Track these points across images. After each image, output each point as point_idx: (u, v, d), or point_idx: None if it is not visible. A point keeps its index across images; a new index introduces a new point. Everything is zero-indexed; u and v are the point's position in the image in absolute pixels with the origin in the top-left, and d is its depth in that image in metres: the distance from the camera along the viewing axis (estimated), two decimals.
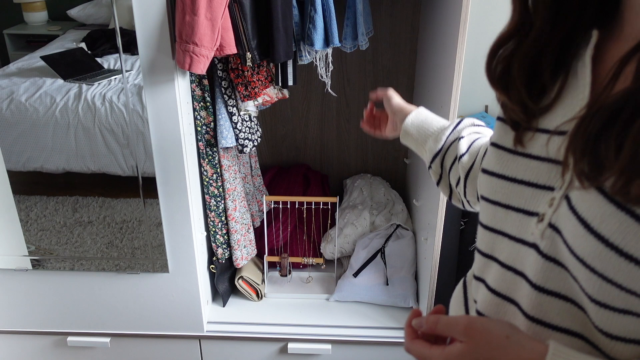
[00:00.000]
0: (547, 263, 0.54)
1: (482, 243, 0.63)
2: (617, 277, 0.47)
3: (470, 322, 0.53)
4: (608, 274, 0.47)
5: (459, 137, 0.85)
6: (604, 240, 0.47)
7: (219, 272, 1.70)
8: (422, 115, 0.96)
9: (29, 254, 1.60)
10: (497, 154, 0.61)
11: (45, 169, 1.50)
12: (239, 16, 1.32)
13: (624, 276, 0.46)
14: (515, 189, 0.58)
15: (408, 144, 0.97)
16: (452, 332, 0.55)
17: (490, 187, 0.62)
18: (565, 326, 0.54)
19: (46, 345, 1.72)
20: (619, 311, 0.48)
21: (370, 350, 1.65)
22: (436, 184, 0.91)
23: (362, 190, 2.05)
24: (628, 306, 0.47)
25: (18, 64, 1.45)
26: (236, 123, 1.54)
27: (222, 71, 1.49)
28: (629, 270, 0.46)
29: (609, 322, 0.50)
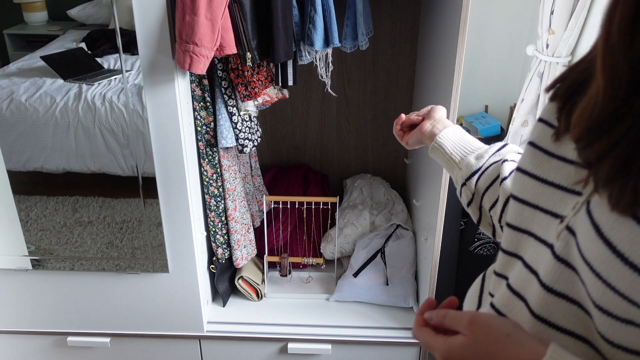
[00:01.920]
0: (558, 264, 0.54)
1: (505, 242, 0.63)
2: (619, 285, 0.47)
3: (473, 317, 0.55)
4: (612, 281, 0.47)
5: (504, 160, 0.82)
6: (611, 247, 0.47)
7: (219, 272, 1.70)
8: (460, 131, 0.92)
9: (29, 254, 1.60)
10: (532, 154, 0.61)
11: (45, 169, 1.50)
12: (239, 16, 1.32)
13: (626, 285, 0.47)
14: (545, 190, 0.58)
15: (437, 157, 0.93)
16: (457, 325, 0.56)
17: (521, 185, 0.62)
18: (570, 328, 0.55)
19: (46, 345, 1.72)
20: (621, 320, 0.49)
21: (370, 350, 1.65)
22: (466, 205, 0.88)
23: (362, 190, 2.05)
24: (630, 316, 0.48)
25: (18, 64, 1.45)
26: (236, 123, 1.54)
27: (222, 71, 1.50)
28: (631, 280, 0.46)
29: (611, 329, 0.50)
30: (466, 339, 0.55)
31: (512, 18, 1.86)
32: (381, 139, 2.11)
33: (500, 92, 1.97)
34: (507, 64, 1.93)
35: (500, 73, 1.95)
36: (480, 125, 1.86)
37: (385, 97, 2.03)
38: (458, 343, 0.55)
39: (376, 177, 2.13)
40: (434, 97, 1.55)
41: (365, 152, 2.16)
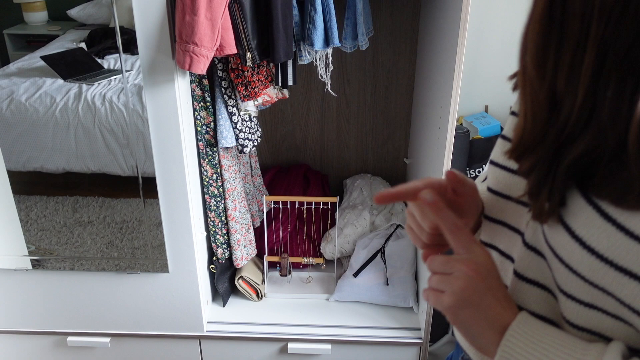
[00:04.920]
0: (528, 252, 0.57)
1: (483, 233, 0.65)
2: (580, 269, 0.49)
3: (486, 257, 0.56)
4: (573, 265, 0.50)
5: None
6: (570, 232, 0.49)
7: (219, 272, 1.70)
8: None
9: (29, 254, 1.60)
10: (503, 146, 0.64)
11: (45, 169, 1.50)
12: (239, 16, 1.32)
13: (586, 268, 0.49)
14: (516, 181, 0.60)
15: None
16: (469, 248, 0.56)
17: (494, 177, 0.64)
18: (542, 314, 0.57)
19: (46, 345, 1.72)
20: (584, 304, 0.51)
21: (370, 350, 1.65)
22: None
23: (362, 190, 2.05)
24: (592, 300, 0.50)
25: (18, 64, 1.45)
26: (236, 123, 1.54)
27: (222, 71, 1.50)
28: (590, 263, 0.48)
29: (575, 313, 0.52)
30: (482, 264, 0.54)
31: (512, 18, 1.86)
32: (381, 139, 2.11)
33: (500, 92, 1.97)
34: (507, 64, 1.93)
35: (500, 73, 1.95)
36: (480, 125, 1.86)
37: (385, 97, 2.03)
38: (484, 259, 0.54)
39: (376, 177, 2.13)
40: (433, 97, 1.55)
41: (365, 152, 2.16)
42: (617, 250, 0.46)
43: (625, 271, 0.46)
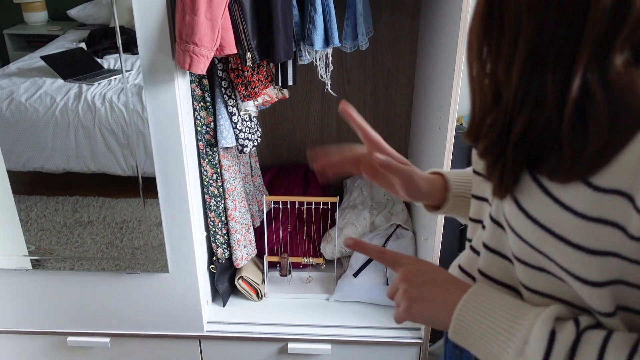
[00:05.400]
0: (493, 225, 0.64)
1: (472, 210, 0.72)
2: (527, 237, 0.56)
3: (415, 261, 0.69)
4: (521, 234, 0.57)
5: None
6: (518, 205, 0.56)
7: (219, 272, 1.70)
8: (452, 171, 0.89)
9: (29, 254, 1.60)
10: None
11: (45, 169, 1.50)
12: (239, 16, 1.32)
13: (531, 236, 0.55)
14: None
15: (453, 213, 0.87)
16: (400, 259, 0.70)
17: (475, 159, 0.71)
18: (505, 281, 0.64)
19: (46, 345, 1.72)
20: (534, 268, 0.58)
21: (370, 350, 1.65)
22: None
23: (362, 190, 2.05)
24: (540, 264, 0.56)
25: (18, 64, 1.45)
26: (236, 123, 1.54)
27: (222, 71, 1.50)
28: (534, 232, 0.55)
29: (528, 277, 0.59)
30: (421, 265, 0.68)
31: None
32: None
33: None
34: None
35: None
36: None
37: (385, 97, 2.03)
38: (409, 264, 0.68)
39: None
40: (433, 97, 1.55)
41: None
42: (553, 220, 0.53)
43: (561, 238, 0.52)
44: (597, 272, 0.51)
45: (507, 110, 0.52)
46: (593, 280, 0.52)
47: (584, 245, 0.51)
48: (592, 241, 0.51)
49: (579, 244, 0.51)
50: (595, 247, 0.51)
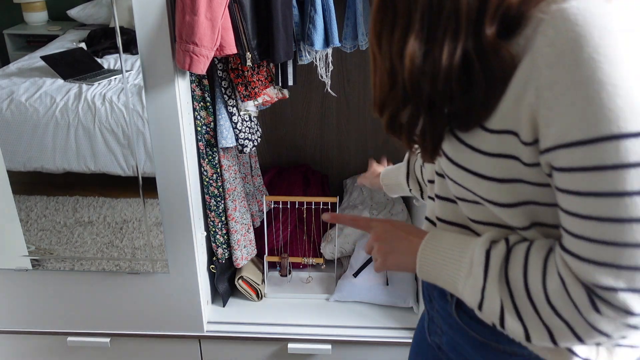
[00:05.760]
0: (438, 178, 0.77)
1: (426, 174, 0.84)
2: (455, 178, 0.69)
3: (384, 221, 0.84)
4: (452, 177, 0.70)
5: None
6: (445, 155, 0.69)
7: (219, 272, 1.70)
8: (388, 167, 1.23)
9: (29, 254, 1.60)
10: None
11: (45, 169, 1.50)
12: (239, 16, 1.32)
13: (457, 176, 0.69)
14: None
15: (391, 192, 1.21)
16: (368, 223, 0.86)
17: None
18: (457, 221, 0.76)
19: (46, 345, 1.72)
20: (470, 202, 0.70)
21: (370, 350, 1.65)
22: (421, 197, 1.11)
23: (362, 190, 2.05)
24: (474, 199, 0.69)
25: (18, 64, 1.45)
26: (236, 123, 1.54)
27: (222, 71, 1.50)
28: (460, 174, 0.68)
29: (468, 210, 0.72)
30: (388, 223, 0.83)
31: None
32: (381, 139, 2.11)
33: None
34: None
35: None
36: None
37: None
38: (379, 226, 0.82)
39: None
40: None
41: (365, 152, 2.16)
42: (469, 161, 0.65)
43: (477, 174, 0.65)
44: (508, 196, 0.64)
45: (405, 87, 0.63)
46: (506, 202, 0.65)
47: (494, 177, 0.64)
48: (499, 172, 0.64)
49: (490, 176, 0.64)
50: (502, 176, 0.63)
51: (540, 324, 0.62)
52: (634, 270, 0.55)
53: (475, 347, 0.80)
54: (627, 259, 0.55)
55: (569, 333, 0.60)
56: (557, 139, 0.55)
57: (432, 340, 0.93)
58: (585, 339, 0.60)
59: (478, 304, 0.67)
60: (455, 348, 0.85)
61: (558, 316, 0.60)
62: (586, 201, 0.56)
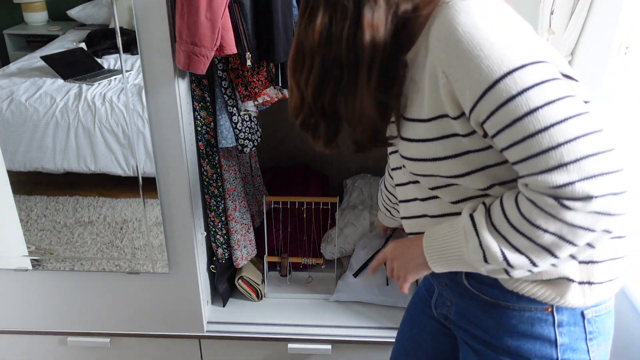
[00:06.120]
0: (414, 184, 0.90)
1: (392, 163, 1.01)
2: (424, 172, 0.83)
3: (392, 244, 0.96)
4: (420, 172, 0.84)
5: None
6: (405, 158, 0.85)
7: (219, 272, 1.70)
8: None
9: (29, 254, 1.60)
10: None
11: (45, 169, 1.50)
12: (239, 16, 1.32)
13: (425, 170, 0.83)
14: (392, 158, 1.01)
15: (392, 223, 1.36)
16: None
17: (390, 161, 1.03)
18: (443, 212, 0.86)
19: (46, 345, 1.72)
20: (445, 187, 0.83)
21: (370, 351, 1.65)
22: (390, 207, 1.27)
23: (362, 190, 2.05)
24: (446, 182, 0.82)
25: (18, 64, 1.45)
26: (236, 123, 1.54)
27: (222, 71, 1.49)
28: (424, 167, 0.83)
29: (445, 195, 0.84)
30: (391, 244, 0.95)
31: None
32: None
33: None
34: None
35: None
36: None
37: None
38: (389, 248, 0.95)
39: (376, 178, 2.13)
40: None
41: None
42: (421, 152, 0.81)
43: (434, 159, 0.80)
44: (465, 167, 0.78)
45: (309, 103, 0.84)
46: (465, 172, 0.79)
47: (446, 155, 0.78)
48: (449, 150, 0.78)
49: (444, 156, 0.78)
50: (452, 152, 0.78)
51: (537, 247, 0.72)
52: (578, 162, 0.66)
53: (485, 310, 0.90)
54: (567, 155, 0.66)
55: (561, 242, 0.70)
56: (473, 97, 0.70)
57: (438, 313, 1.04)
58: (576, 240, 0.70)
59: (483, 258, 0.76)
60: (465, 315, 0.94)
61: (545, 232, 0.70)
62: (514, 128, 0.69)
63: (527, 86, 0.67)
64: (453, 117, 0.75)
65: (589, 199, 0.66)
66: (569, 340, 0.85)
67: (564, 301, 0.82)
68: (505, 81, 0.68)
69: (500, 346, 0.89)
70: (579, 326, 0.85)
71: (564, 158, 0.66)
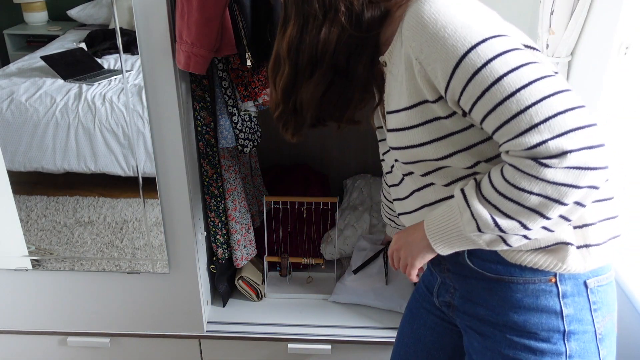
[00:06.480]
0: (409, 177, 0.94)
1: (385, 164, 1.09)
2: (413, 159, 0.87)
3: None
4: (408, 160, 0.88)
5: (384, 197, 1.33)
6: (392, 148, 0.90)
7: (219, 272, 1.70)
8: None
9: (29, 254, 1.60)
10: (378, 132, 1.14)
11: (45, 169, 1.50)
12: (239, 16, 1.32)
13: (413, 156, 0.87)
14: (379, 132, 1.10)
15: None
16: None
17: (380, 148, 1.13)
18: (440, 197, 0.89)
19: (46, 345, 1.73)
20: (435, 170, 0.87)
21: (370, 351, 1.65)
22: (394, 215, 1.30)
23: (362, 190, 2.05)
24: (435, 166, 0.86)
25: (18, 64, 1.45)
26: (236, 123, 1.54)
27: (222, 71, 1.49)
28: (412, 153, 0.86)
29: (437, 179, 0.87)
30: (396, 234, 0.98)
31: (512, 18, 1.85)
32: None
33: None
34: None
35: None
36: None
37: None
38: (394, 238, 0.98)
39: (376, 178, 2.13)
40: None
41: (365, 152, 2.16)
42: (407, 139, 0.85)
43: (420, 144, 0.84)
44: (450, 147, 0.82)
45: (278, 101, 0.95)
46: (451, 152, 0.82)
47: (431, 139, 0.82)
48: (433, 134, 0.82)
49: (429, 140, 0.82)
50: (437, 136, 0.82)
51: (526, 210, 0.74)
52: (548, 121, 0.69)
53: (489, 288, 0.91)
54: (536, 115, 0.69)
55: (548, 202, 0.72)
56: (445, 77, 0.75)
57: (441, 301, 1.05)
58: (562, 198, 0.72)
59: (476, 227, 0.79)
60: (469, 298, 0.96)
61: (531, 193, 0.72)
62: (484, 98, 0.73)
63: (490, 57, 0.72)
64: (432, 101, 0.80)
65: (564, 154, 0.69)
66: (574, 311, 0.87)
67: (565, 266, 0.84)
68: (469, 56, 0.72)
69: (507, 323, 0.90)
70: (583, 296, 0.87)
71: (534, 119, 0.70)
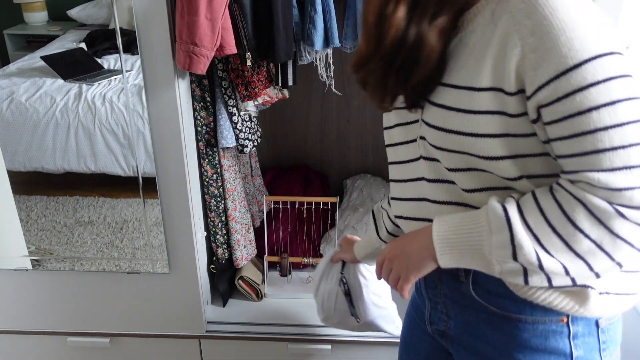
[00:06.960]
0: (427, 162, 0.81)
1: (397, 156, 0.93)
2: (454, 148, 0.75)
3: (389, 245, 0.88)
4: (449, 147, 0.75)
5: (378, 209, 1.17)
6: (437, 128, 0.76)
7: (219, 272, 1.70)
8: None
9: (29, 254, 1.60)
10: (386, 116, 0.97)
11: (45, 169, 1.50)
12: (239, 16, 1.32)
13: (456, 145, 0.74)
14: (396, 132, 0.93)
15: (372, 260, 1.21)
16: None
17: (387, 137, 0.99)
18: (452, 200, 0.79)
19: (46, 345, 1.72)
20: (466, 170, 0.75)
21: (370, 350, 1.65)
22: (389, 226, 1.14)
23: (362, 190, 2.05)
24: (470, 165, 0.75)
25: (18, 64, 1.45)
26: (236, 123, 1.54)
27: (222, 71, 1.50)
28: (457, 140, 0.74)
29: (465, 180, 0.76)
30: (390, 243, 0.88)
31: None
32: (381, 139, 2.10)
33: None
34: None
35: None
36: None
37: None
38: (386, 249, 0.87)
39: (376, 178, 2.13)
40: None
41: (365, 153, 2.16)
42: (460, 124, 0.73)
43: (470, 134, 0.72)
44: (499, 150, 0.71)
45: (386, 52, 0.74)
46: (499, 156, 0.71)
47: (486, 133, 0.71)
48: (490, 128, 0.71)
49: (483, 133, 0.71)
50: (493, 131, 0.71)
51: (570, 252, 0.66)
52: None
53: (492, 323, 0.82)
54: (636, 157, 0.61)
55: (598, 251, 0.65)
56: (545, 76, 0.64)
57: (433, 329, 0.95)
58: (614, 253, 0.65)
59: (512, 255, 0.69)
60: (467, 329, 0.86)
61: (586, 236, 0.64)
62: (578, 119, 0.63)
63: (598, 80, 0.63)
64: (508, 93, 0.69)
65: None
66: (584, 352, 0.80)
67: (584, 310, 0.75)
68: (578, 70, 0.63)
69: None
70: (593, 336, 0.80)
71: (631, 160, 0.62)
